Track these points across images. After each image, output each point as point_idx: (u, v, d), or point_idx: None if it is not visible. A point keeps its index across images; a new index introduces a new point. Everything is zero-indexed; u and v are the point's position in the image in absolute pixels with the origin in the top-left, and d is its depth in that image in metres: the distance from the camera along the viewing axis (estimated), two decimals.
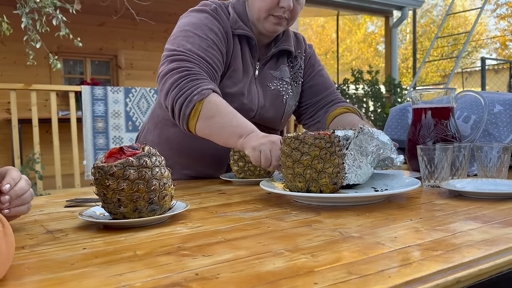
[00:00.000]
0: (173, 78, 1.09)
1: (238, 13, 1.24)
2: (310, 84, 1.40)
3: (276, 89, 1.31)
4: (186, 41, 1.15)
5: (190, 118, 1.07)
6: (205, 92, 1.06)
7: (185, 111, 1.07)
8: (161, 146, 1.27)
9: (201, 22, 1.19)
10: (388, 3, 6.81)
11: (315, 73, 1.41)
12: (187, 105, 1.06)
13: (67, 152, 4.82)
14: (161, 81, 1.13)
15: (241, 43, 1.25)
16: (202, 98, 1.06)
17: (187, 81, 1.08)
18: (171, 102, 1.09)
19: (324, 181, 0.83)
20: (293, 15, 1.21)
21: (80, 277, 0.48)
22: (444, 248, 0.54)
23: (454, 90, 1.15)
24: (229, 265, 0.51)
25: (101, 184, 0.69)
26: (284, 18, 1.20)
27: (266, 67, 1.30)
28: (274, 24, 1.20)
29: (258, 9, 1.20)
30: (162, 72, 1.13)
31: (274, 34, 1.27)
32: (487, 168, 1.01)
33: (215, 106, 1.06)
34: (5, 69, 5.72)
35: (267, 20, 1.20)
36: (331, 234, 0.63)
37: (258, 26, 1.23)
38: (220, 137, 1.06)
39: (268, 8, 1.18)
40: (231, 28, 1.22)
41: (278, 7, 1.18)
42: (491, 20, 20.77)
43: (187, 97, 1.06)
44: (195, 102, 1.06)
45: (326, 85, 1.41)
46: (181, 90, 1.07)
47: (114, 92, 4.24)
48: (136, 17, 3.96)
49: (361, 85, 6.63)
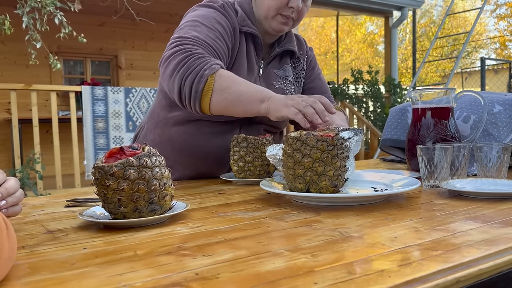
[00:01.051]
0: (177, 58, 1.06)
1: (245, 11, 1.25)
2: (309, 86, 1.41)
3: (280, 88, 1.31)
4: (193, 29, 1.14)
5: (204, 94, 1.04)
6: (215, 66, 1.04)
7: (197, 88, 1.03)
8: (162, 145, 1.27)
9: (209, 15, 1.19)
10: (388, 3, 6.81)
11: (314, 76, 1.42)
12: (199, 80, 1.02)
13: (67, 152, 4.82)
14: (164, 64, 1.09)
15: (247, 41, 1.25)
16: (213, 72, 1.03)
17: (194, 59, 1.05)
18: (179, 81, 1.04)
19: (324, 184, 0.83)
20: (300, 16, 1.23)
21: (80, 277, 0.48)
22: (443, 248, 0.54)
23: (454, 90, 1.15)
24: (229, 265, 0.51)
25: (101, 184, 0.69)
26: (291, 18, 1.21)
27: (269, 66, 1.31)
28: (281, 24, 1.21)
29: (267, 7, 1.20)
30: (165, 55, 1.10)
31: (279, 34, 1.27)
32: (487, 168, 1.01)
33: (228, 78, 1.03)
34: (5, 69, 5.72)
35: (275, 18, 1.21)
36: (331, 234, 0.63)
37: (265, 25, 1.24)
38: (238, 106, 1.03)
39: (278, 7, 1.19)
40: (239, 25, 1.23)
41: (287, 7, 1.19)
42: (490, 20, 20.76)
43: (198, 73, 1.03)
44: (207, 76, 1.02)
45: (322, 89, 1.42)
46: (190, 68, 1.04)
47: (114, 92, 4.24)
48: (136, 17, 3.96)
49: (360, 85, 6.64)
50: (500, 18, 17.07)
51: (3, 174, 0.69)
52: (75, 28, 3.30)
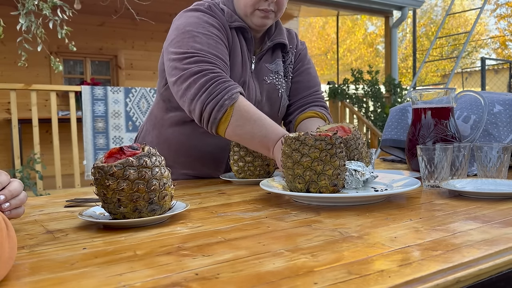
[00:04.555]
0: (199, 82, 1.07)
1: (230, 9, 1.25)
2: (294, 80, 1.38)
3: (272, 83, 1.30)
4: (193, 41, 1.13)
5: (221, 122, 1.07)
6: (235, 96, 1.06)
7: (216, 116, 1.06)
8: (160, 146, 1.27)
9: (200, 20, 1.18)
10: (388, 3, 6.81)
11: (302, 70, 1.39)
12: (219, 109, 1.06)
13: (67, 152, 4.82)
14: (183, 84, 1.09)
15: (238, 36, 1.25)
16: (233, 103, 1.06)
17: (215, 84, 1.07)
18: (201, 106, 1.07)
19: (324, 183, 0.83)
20: (280, 6, 1.21)
21: (80, 277, 0.48)
22: (444, 248, 0.54)
23: (454, 90, 1.15)
24: (229, 265, 0.51)
25: (101, 184, 0.69)
26: (270, 11, 1.20)
27: (261, 61, 1.30)
28: (262, 18, 1.20)
29: (244, 5, 1.20)
30: (184, 75, 1.09)
31: (263, 28, 1.26)
32: (487, 168, 1.01)
33: (245, 113, 1.06)
34: (5, 69, 5.72)
35: (254, 14, 1.20)
36: (331, 234, 0.63)
37: (247, 22, 1.23)
38: (250, 146, 1.09)
39: (253, 2, 1.18)
40: (228, 22, 1.22)
41: (262, 1, 1.18)
42: (491, 20, 20.77)
43: (218, 102, 1.05)
44: (226, 107, 1.05)
45: (309, 84, 1.38)
46: (211, 95, 1.06)
47: (114, 92, 4.24)
48: (136, 17, 3.96)
49: (361, 85, 6.64)
50: (501, 17, 17.07)
51: (7, 176, 0.69)
52: (75, 27, 3.30)
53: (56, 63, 3.29)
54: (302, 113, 1.34)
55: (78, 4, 3.30)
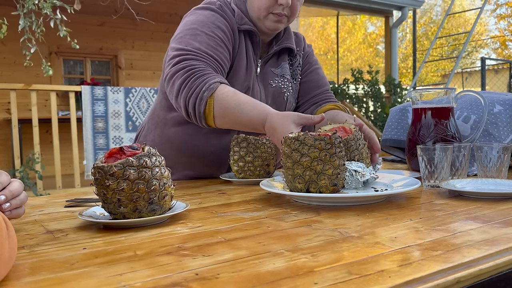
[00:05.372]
0: (180, 79, 1.09)
1: (241, 10, 1.25)
2: (304, 80, 1.39)
3: (277, 86, 1.31)
4: (193, 39, 1.14)
5: (207, 114, 1.08)
6: (213, 86, 1.06)
7: (199, 109, 1.07)
8: (162, 145, 1.27)
9: (207, 20, 1.18)
10: (388, 3, 6.81)
11: (310, 70, 1.40)
12: (200, 103, 1.06)
13: (67, 152, 4.82)
14: (169, 83, 1.12)
15: (245, 39, 1.25)
16: (211, 93, 1.06)
17: (194, 78, 1.08)
18: (184, 103, 1.09)
19: (324, 183, 0.83)
20: (293, 11, 1.22)
21: (80, 277, 0.48)
22: (444, 248, 0.54)
23: (454, 90, 1.15)
24: (229, 265, 0.51)
25: (101, 184, 0.69)
26: (284, 15, 1.20)
27: (267, 65, 1.30)
28: (275, 22, 1.21)
29: (257, 8, 1.20)
30: (169, 73, 1.12)
31: (275, 32, 1.27)
32: (487, 168, 1.01)
33: (224, 102, 1.05)
34: (5, 69, 5.72)
35: (267, 18, 1.20)
36: (331, 234, 0.63)
37: (259, 25, 1.23)
38: (242, 128, 1.08)
39: (267, 6, 1.18)
40: (237, 24, 1.23)
41: (277, 5, 1.18)
42: (491, 20, 20.76)
43: (198, 95, 1.06)
44: (206, 99, 1.06)
45: (319, 83, 1.40)
46: (190, 89, 1.07)
47: (114, 92, 4.24)
48: (136, 17, 3.96)
49: (361, 85, 6.64)
50: (501, 17, 17.07)
51: (8, 176, 0.69)
52: (75, 27, 3.30)
53: (46, 67, 3.23)
54: (320, 107, 1.34)
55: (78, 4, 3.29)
